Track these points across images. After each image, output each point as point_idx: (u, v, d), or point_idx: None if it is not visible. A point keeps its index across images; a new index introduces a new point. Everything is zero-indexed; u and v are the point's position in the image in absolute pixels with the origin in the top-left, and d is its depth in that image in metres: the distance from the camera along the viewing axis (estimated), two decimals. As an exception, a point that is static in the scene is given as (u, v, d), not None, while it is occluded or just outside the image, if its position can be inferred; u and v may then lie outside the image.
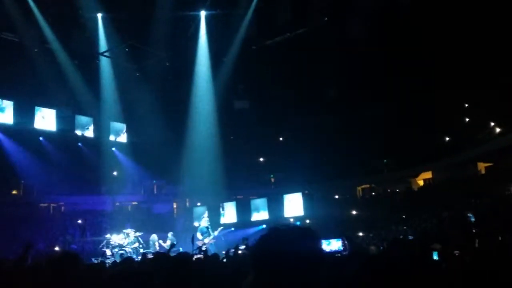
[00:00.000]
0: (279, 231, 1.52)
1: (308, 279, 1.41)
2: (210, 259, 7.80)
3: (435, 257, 7.36)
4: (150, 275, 2.31)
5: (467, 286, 3.07)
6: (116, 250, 14.83)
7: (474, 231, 12.79)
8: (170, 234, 16.08)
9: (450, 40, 19.27)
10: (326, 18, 19.36)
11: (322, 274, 1.44)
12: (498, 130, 23.67)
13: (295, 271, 1.41)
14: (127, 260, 7.00)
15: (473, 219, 15.27)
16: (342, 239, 10.86)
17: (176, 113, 23.58)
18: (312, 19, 19.45)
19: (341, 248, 10.77)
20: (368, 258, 2.46)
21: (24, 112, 21.62)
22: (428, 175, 27.71)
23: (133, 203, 27.08)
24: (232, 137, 24.90)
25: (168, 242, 15.30)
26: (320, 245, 1.60)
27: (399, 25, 19.58)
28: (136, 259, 11.11)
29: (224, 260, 8.33)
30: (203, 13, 19.91)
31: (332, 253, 10.19)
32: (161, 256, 5.22)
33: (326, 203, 24.10)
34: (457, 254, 7.48)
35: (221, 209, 21.43)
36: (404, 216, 20.64)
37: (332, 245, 11.14)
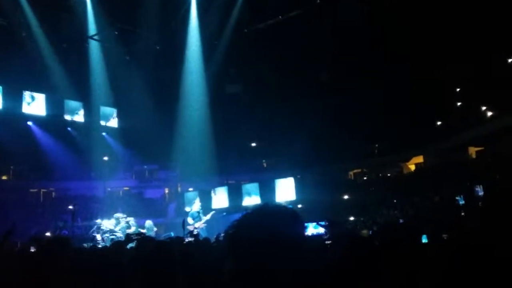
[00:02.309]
0: (254, 216, 1.44)
1: (288, 264, 1.34)
2: (201, 243, 7.82)
3: (424, 240, 7.41)
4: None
5: (454, 269, 3.04)
6: (107, 235, 14.77)
7: (463, 214, 12.91)
8: (147, 223, 15.34)
9: (442, 24, 19.16)
10: (318, 1, 19.15)
11: (303, 259, 1.37)
12: (489, 114, 23.72)
13: (272, 257, 1.33)
14: (116, 244, 6.98)
15: (462, 202, 15.40)
16: (324, 223, 10.95)
17: (167, 97, 23.35)
18: (304, 2, 19.22)
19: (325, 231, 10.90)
20: (351, 241, 2.42)
21: (13, 96, 21.28)
22: (419, 159, 27.81)
23: (125, 188, 26.94)
24: (223, 122, 24.78)
25: (143, 231, 15.07)
26: (301, 229, 1.52)
27: (391, 8, 19.43)
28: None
29: (215, 244, 8.34)
30: (193, -5, 19.63)
31: (320, 236, 10.35)
32: (146, 239, 5.19)
33: (318, 187, 24.17)
34: (445, 237, 7.53)
35: (212, 194, 21.41)
36: (395, 200, 20.77)
37: (320, 228, 11.44)
